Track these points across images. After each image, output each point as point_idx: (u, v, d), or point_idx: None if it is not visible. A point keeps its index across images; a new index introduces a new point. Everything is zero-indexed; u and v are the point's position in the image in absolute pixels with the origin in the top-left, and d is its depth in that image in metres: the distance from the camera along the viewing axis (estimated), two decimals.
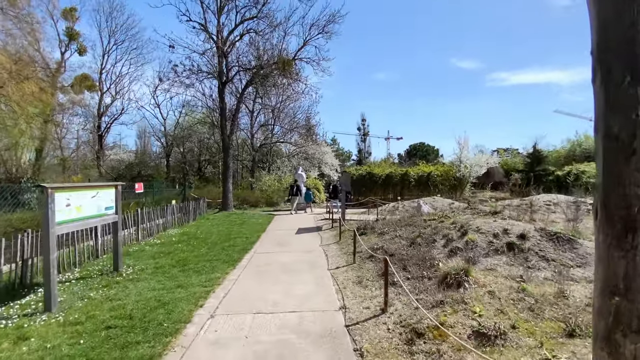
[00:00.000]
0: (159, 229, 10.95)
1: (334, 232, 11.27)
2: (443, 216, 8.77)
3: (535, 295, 4.46)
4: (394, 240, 7.96)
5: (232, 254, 7.95)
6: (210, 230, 11.74)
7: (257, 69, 16.31)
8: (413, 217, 9.65)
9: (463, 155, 24.22)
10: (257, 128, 27.60)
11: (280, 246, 9.09)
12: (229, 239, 9.95)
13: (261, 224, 13.38)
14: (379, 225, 9.95)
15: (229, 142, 16.99)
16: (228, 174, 17.12)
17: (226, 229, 12.04)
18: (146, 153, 33.24)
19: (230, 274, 6.40)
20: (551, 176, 27.35)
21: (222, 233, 11.08)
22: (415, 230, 8.21)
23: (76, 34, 27.77)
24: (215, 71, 15.62)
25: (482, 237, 6.47)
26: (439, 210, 11.65)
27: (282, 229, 12.17)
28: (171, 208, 12.00)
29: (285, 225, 13.29)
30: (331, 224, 12.76)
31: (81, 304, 4.94)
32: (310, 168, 28.95)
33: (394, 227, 9.30)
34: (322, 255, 8.01)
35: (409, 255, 6.68)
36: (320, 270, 6.60)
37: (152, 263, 7.10)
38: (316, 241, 9.81)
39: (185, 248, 8.64)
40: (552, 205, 15.74)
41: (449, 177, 23.59)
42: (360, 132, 57.08)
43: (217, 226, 12.68)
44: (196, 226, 12.64)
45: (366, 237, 9.22)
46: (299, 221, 14.36)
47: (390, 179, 23.31)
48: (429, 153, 50.60)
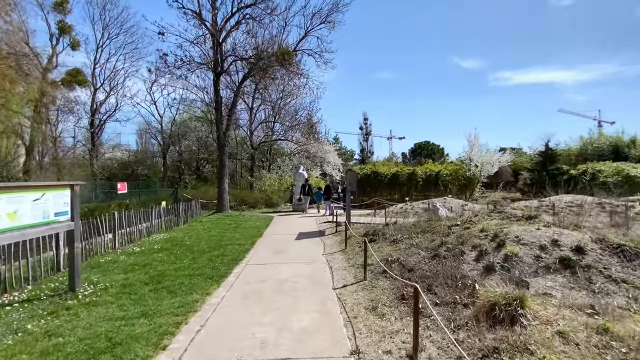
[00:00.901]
0: (142, 235, 9.74)
1: (339, 237, 10.04)
2: (467, 221, 7.52)
3: (624, 337, 3.21)
4: (411, 251, 6.72)
5: (219, 267, 6.73)
6: (200, 235, 10.52)
7: (255, 59, 15.08)
8: (430, 222, 8.40)
9: (473, 154, 22.92)
10: (256, 125, 26.38)
11: (277, 255, 7.87)
12: (219, 246, 8.73)
13: (258, 227, 12.16)
14: (390, 231, 8.71)
15: (225, 139, 15.78)
16: (224, 172, 15.92)
17: (218, 233, 10.82)
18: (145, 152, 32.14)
19: (213, 295, 5.18)
20: (565, 175, 25.99)
21: (213, 239, 9.87)
22: (436, 239, 6.96)
23: (68, 28, 26.61)
24: (209, 61, 14.41)
25: (526, 250, 5.21)
26: (456, 213, 10.40)
27: (281, 234, 10.95)
28: (157, 210, 10.80)
29: (285, 228, 12.07)
30: (335, 228, 11.52)
31: (10, 342, 3.73)
32: (312, 167, 27.73)
33: (409, 233, 8.06)
34: (325, 268, 6.78)
35: (432, 271, 5.44)
36: (323, 290, 5.36)
37: (121, 279, 5.89)
38: (318, 249, 8.58)
39: (166, 258, 7.43)
40: (576, 207, 14.47)
41: (458, 176, 22.31)
42: (362, 131, 55.85)
43: (209, 230, 11.47)
44: (186, 230, 11.43)
45: (376, 245, 7.98)
46: (300, 224, 13.13)
47: (397, 179, 22.04)
48: (435, 152, 49.29)
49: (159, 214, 10.92)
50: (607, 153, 32.84)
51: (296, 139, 26.94)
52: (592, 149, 34.73)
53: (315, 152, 29.03)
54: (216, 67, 14.62)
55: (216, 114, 15.32)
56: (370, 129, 55.06)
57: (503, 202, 19.66)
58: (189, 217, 13.51)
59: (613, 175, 24.14)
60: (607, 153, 32.85)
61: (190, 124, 28.61)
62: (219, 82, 14.74)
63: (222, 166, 15.93)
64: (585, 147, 35.93)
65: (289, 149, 29.48)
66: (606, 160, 29.18)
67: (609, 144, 34.78)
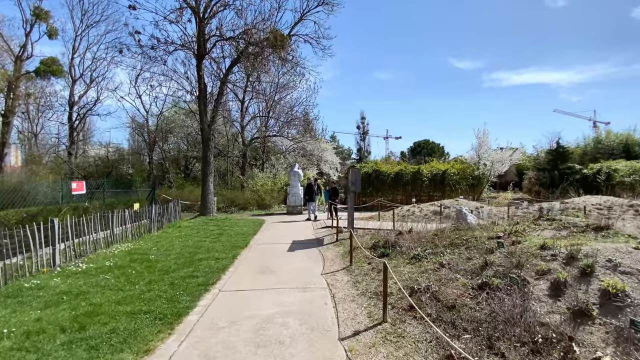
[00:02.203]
0: (98, 246, 7.88)
1: (341, 248, 8.25)
2: (511, 232, 5.75)
3: None
4: (443, 274, 4.94)
5: (180, 297, 4.91)
6: (173, 245, 8.67)
7: (244, 41, 13.23)
8: (458, 231, 6.62)
9: (482, 151, 21.23)
10: (248, 120, 24.52)
11: (263, 276, 6.06)
12: (190, 262, 6.90)
13: (245, 234, 10.34)
14: (405, 242, 6.94)
15: (211, 132, 13.92)
16: (208, 170, 14.05)
17: (195, 243, 8.98)
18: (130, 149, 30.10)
19: (155, 353, 3.37)
20: (578, 175, 24.43)
21: (187, 251, 8.03)
22: (475, 257, 5.19)
23: (45, 14, 24.54)
24: (190, 42, 12.55)
25: (634, 284, 3.45)
26: (483, 219, 8.64)
27: (271, 243, 9.14)
28: (121, 215, 8.93)
29: (276, 236, 10.26)
30: (335, 235, 9.73)
31: None
32: (308, 166, 25.91)
33: (432, 245, 6.30)
34: (326, 297, 4.98)
35: (485, 311, 3.67)
36: (325, 343, 3.57)
37: (30, 321, 4.06)
38: (316, 266, 6.78)
39: (114, 282, 5.59)
40: (606, 210, 12.81)
41: (466, 175, 20.62)
42: (359, 130, 54.58)
43: (185, 239, 9.62)
44: (157, 239, 9.57)
45: (390, 261, 6.20)
46: (294, 230, 11.33)
47: (400, 178, 20.30)
48: (435, 150, 47.72)
49: (124, 219, 9.05)
50: (618, 152, 31.49)
51: (291, 135, 25.10)
52: (601, 147, 33.36)
53: (311, 150, 27.20)
54: (199, 49, 12.75)
55: (199, 103, 13.42)
56: (367, 128, 53.76)
57: (518, 204, 18.00)
58: (166, 221, 11.65)
59: (630, 174, 22.60)
60: (617, 152, 31.50)
61: (177, 119, 26.67)
62: (201, 66, 12.89)
63: (206, 163, 14.06)
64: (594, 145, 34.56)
65: (284, 147, 27.65)
66: (617, 158, 27.76)
67: (618, 142, 33.45)
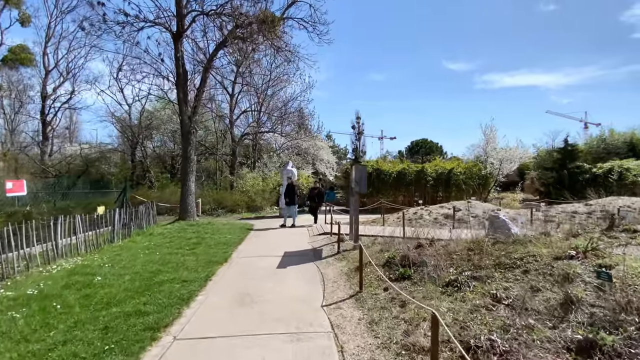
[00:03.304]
0: (33, 263, 6.13)
1: (344, 263, 6.60)
2: (586, 249, 4.15)
3: None
4: (503, 315, 3.32)
5: (107, 356, 3.22)
6: (134, 260, 6.95)
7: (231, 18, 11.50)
8: (503, 246, 5.01)
9: (490, 149, 19.76)
10: (238, 114, 22.73)
11: (241, 310, 4.40)
12: (147, 288, 5.20)
13: (227, 244, 8.64)
14: (429, 257, 5.33)
15: (192, 125, 12.17)
16: (189, 168, 12.30)
17: (163, 257, 7.26)
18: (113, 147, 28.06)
19: None
20: (587, 174, 23.12)
21: (149, 268, 6.31)
22: (545, 287, 3.58)
23: None
24: (166, 17, 10.76)
25: None
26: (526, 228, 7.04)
27: (257, 256, 7.46)
28: (69, 223, 7.18)
29: (265, 245, 8.58)
30: (336, 245, 8.08)
31: None
32: (303, 165, 24.25)
33: (469, 265, 4.70)
34: (331, 352, 3.32)
35: None
36: None
37: None
38: (315, 291, 5.13)
39: (22, 325, 3.86)
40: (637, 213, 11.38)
41: (472, 175, 19.12)
42: (354, 130, 53.41)
43: (154, 250, 7.89)
44: (117, 251, 7.83)
45: (415, 287, 4.59)
46: (287, 238, 9.65)
47: (403, 178, 18.71)
48: (433, 150, 46.32)
49: (75, 227, 7.30)
50: (623, 150, 30.53)
51: (285, 132, 23.41)
52: (605, 146, 32.32)
53: (306, 148, 25.54)
54: (177, 26, 10.96)
55: (178, 91, 11.67)
56: (363, 128, 52.66)
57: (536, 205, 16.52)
58: (135, 228, 9.89)
59: None
60: (622, 150, 30.54)
61: (163, 115, 24.79)
62: (179, 46, 11.11)
63: (186, 160, 12.29)
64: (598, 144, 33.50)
65: (277, 145, 25.95)
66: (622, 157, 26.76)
67: (623, 141, 32.54)
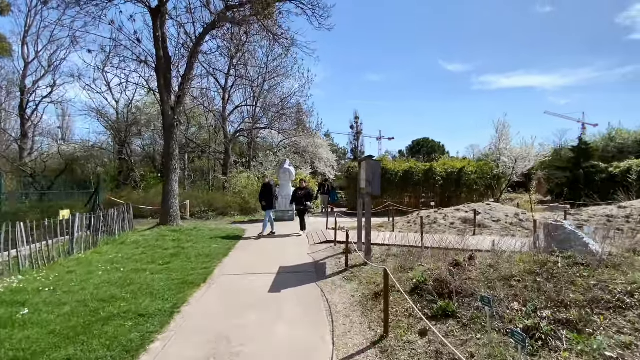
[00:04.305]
0: None
1: (355, 285, 5.13)
2: None
3: None
4: None
5: None
6: (86, 281, 5.45)
7: None
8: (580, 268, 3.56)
9: (502, 146, 18.37)
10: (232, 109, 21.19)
11: None
12: (84, 329, 3.72)
13: (210, 256, 7.15)
14: (475, 283, 3.90)
15: (175, 117, 10.68)
16: (172, 166, 10.80)
17: (126, 275, 5.76)
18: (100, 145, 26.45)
19: None
20: (604, 174, 21.74)
21: (100, 295, 4.82)
22: None
23: None
24: None
25: None
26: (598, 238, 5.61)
27: (245, 272, 5.98)
28: (6, 232, 5.67)
29: (256, 257, 7.09)
30: (343, 258, 6.62)
31: None
32: (301, 164, 22.81)
33: (539, 296, 3.24)
34: None
35: None
36: None
37: None
38: (320, 332, 3.65)
39: None
40: None
41: (484, 174, 17.70)
42: (353, 130, 52.70)
43: (117, 266, 6.38)
44: (74, 265, 6.33)
45: (461, 328, 3.13)
46: (283, 248, 8.16)
47: (410, 178, 17.25)
48: (435, 149, 44.95)
49: (7, 239, 5.78)
50: (634, 149, 29.42)
51: (283, 129, 21.92)
52: (614, 145, 31.12)
53: (305, 146, 24.09)
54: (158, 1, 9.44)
55: (158, 78, 10.18)
56: (361, 127, 51.86)
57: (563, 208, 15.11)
58: (103, 236, 8.38)
59: None
60: (633, 149, 29.42)
61: (152, 111, 23.24)
62: (157, 24, 9.61)
63: (168, 157, 10.79)
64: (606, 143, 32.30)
65: (274, 142, 24.49)
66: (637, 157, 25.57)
67: (634, 140, 31.40)
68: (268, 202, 9.79)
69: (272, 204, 9.96)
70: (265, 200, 9.79)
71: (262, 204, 9.90)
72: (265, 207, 9.80)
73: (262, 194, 9.97)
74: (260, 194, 10.07)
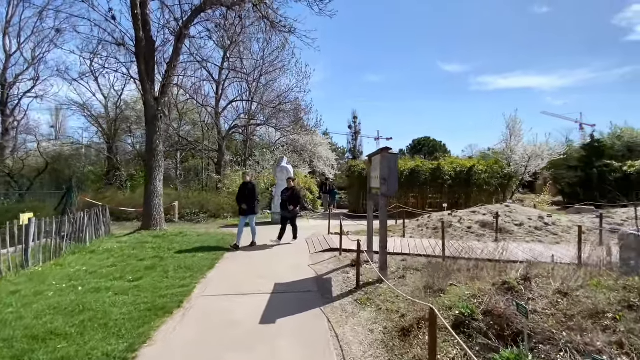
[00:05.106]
0: None
1: (372, 314, 3.97)
2: None
3: None
4: None
5: None
6: (28, 306, 4.29)
7: None
8: None
9: (514, 144, 17.28)
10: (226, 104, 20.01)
11: None
12: None
13: (192, 269, 5.98)
14: (543, 315, 2.76)
15: (159, 108, 9.51)
16: (155, 163, 9.61)
17: (79, 299, 4.58)
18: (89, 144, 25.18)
19: None
20: (618, 173, 20.68)
21: (33, 330, 3.65)
22: None
23: None
24: None
25: None
26: None
27: (231, 293, 4.81)
28: None
29: (245, 272, 5.92)
30: (353, 271, 5.49)
31: None
32: (299, 163, 21.66)
33: None
34: None
35: None
36: None
37: None
38: None
39: None
40: None
41: (494, 173, 16.61)
42: (351, 130, 52.06)
43: (75, 284, 5.21)
44: (24, 282, 5.16)
45: None
46: (279, 257, 7.00)
47: (416, 177, 16.13)
48: (437, 149, 43.87)
49: None
50: None
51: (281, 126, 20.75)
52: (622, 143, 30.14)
53: (304, 144, 22.97)
54: None
55: (138, 63, 8.98)
56: (359, 127, 51.16)
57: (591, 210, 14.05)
58: (70, 243, 7.20)
59: None
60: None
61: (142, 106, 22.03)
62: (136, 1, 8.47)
63: (151, 153, 9.60)
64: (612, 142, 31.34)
65: (271, 140, 23.32)
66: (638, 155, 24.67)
67: None
68: (250, 205, 7.93)
69: (255, 208, 8.12)
70: (247, 203, 7.90)
71: (242, 207, 7.92)
72: (247, 212, 7.94)
73: (241, 196, 8.03)
74: (239, 195, 8.10)
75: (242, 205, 7.94)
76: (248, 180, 8.25)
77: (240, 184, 8.55)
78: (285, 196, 8.40)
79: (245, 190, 8.01)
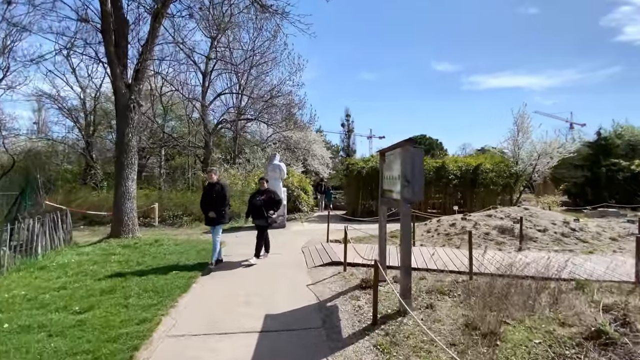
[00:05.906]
0: None
1: None
2: None
3: None
4: None
5: None
6: None
7: None
8: None
9: (522, 141, 16.29)
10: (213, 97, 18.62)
11: None
12: None
13: (161, 293, 4.72)
14: None
15: (132, 96, 8.20)
16: (126, 160, 8.27)
17: None
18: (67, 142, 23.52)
19: None
20: (626, 172, 19.87)
21: None
22: None
23: None
24: None
25: None
26: None
27: (203, 332, 3.56)
28: None
29: (230, 295, 4.68)
30: (363, 295, 4.30)
31: None
32: (292, 161, 20.43)
33: None
34: None
35: None
36: None
37: None
38: None
39: None
40: None
41: (501, 172, 15.60)
42: (344, 128, 51.24)
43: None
44: None
45: None
46: (271, 273, 5.76)
47: None
48: (433, 147, 43.08)
49: None
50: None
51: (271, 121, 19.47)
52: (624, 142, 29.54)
53: (297, 141, 21.71)
54: None
55: (105, 42, 7.56)
56: (352, 126, 50.40)
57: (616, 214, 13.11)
58: (16, 257, 5.88)
59: None
60: None
61: None
62: None
63: (122, 148, 8.26)
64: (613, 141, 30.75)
65: (263, 137, 22.01)
66: None
67: None
68: (218, 212, 6.00)
69: (224, 216, 6.20)
70: (214, 209, 5.98)
71: (209, 215, 6.01)
72: (215, 221, 6.04)
73: (206, 200, 6.12)
74: (204, 199, 6.20)
75: (210, 213, 5.99)
76: (215, 179, 6.29)
77: (206, 185, 6.52)
78: (260, 200, 6.42)
79: (213, 193, 6.09)
